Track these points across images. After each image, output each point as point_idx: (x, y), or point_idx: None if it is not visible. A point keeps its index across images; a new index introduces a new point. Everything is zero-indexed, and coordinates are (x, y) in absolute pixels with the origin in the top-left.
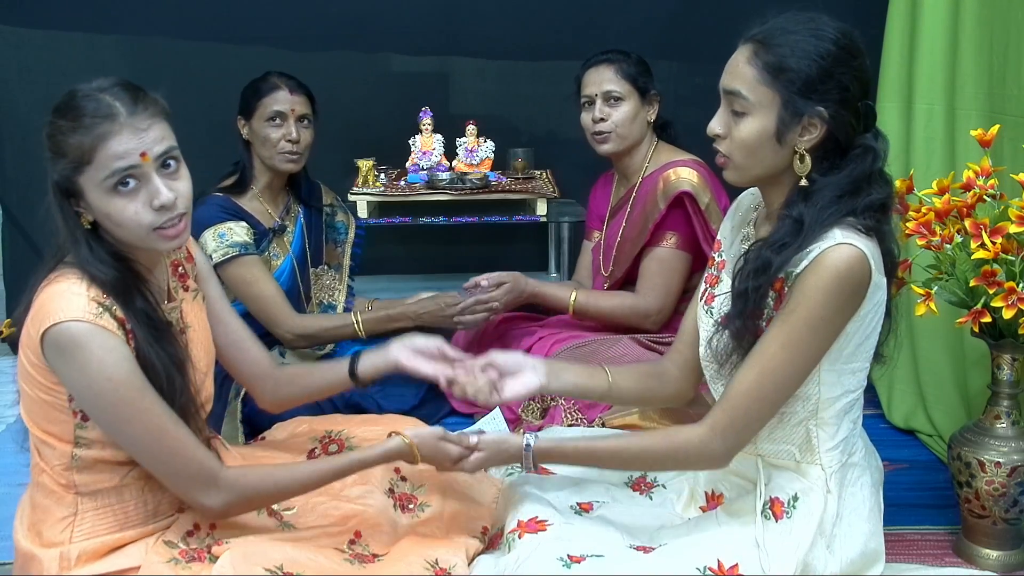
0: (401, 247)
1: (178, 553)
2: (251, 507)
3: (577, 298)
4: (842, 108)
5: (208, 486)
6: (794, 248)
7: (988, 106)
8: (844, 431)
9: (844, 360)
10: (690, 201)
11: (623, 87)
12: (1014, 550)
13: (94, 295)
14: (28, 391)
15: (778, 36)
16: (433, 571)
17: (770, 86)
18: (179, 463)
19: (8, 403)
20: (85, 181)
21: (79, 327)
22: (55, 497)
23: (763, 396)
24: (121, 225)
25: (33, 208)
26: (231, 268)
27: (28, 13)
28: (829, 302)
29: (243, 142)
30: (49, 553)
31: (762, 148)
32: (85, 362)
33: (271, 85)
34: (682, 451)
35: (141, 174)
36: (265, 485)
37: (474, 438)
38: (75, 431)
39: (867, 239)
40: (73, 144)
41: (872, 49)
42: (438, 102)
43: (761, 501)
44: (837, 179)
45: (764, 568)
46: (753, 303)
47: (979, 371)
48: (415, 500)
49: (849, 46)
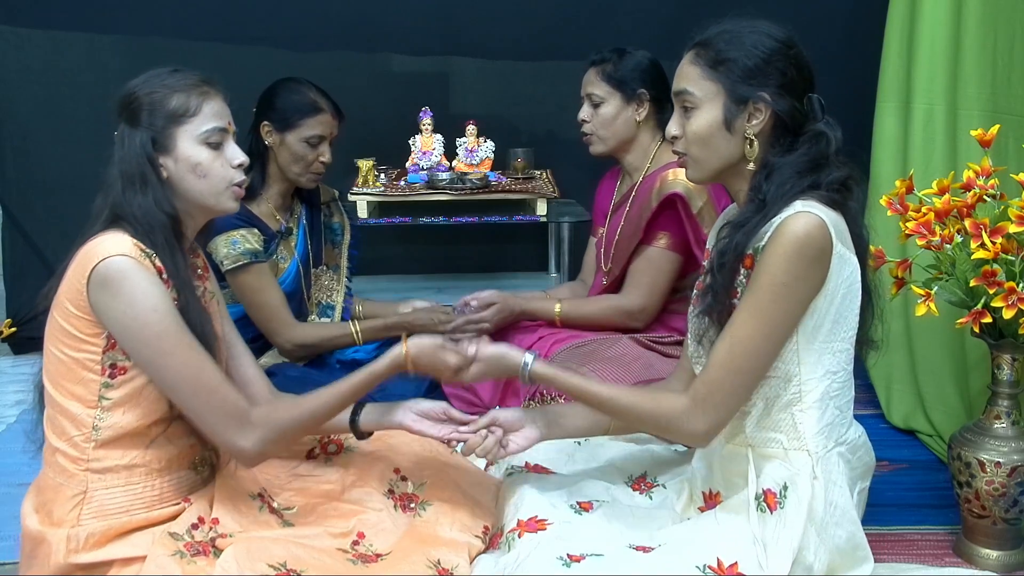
0: (401, 247)
1: (183, 546)
2: (284, 442)
3: (562, 309)
4: (784, 92)
5: (243, 424)
6: (757, 222)
7: (991, 106)
8: (829, 416)
9: (822, 338)
10: (681, 204)
11: (602, 89)
12: (1014, 550)
13: (136, 243)
14: (56, 353)
15: (717, 36)
16: (436, 571)
17: (713, 79)
18: (216, 400)
19: (8, 403)
20: (182, 133)
21: (127, 261)
22: (66, 475)
23: (736, 367)
24: (207, 175)
25: (33, 208)
26: (241, 275)
27: (28, 13)
28: (790, 268)
29: (262, 146)
30: (58, 533)
31: (714, 138)
32: (132, 293)
33: (315, 106)
34: (664, 418)
35: (225, 137)
36: (295, 415)
37: (473, 348)
38: (100, 391)
39: (829, 209)
40: (179, 98)
41: (872, 49)
42: (438, 102)
43: (754, 494)
44: (795, 158)
45: (763, 565)
46: (722, 280)
47: (979, 371)
48: (415, 499)
49: (785, 39)
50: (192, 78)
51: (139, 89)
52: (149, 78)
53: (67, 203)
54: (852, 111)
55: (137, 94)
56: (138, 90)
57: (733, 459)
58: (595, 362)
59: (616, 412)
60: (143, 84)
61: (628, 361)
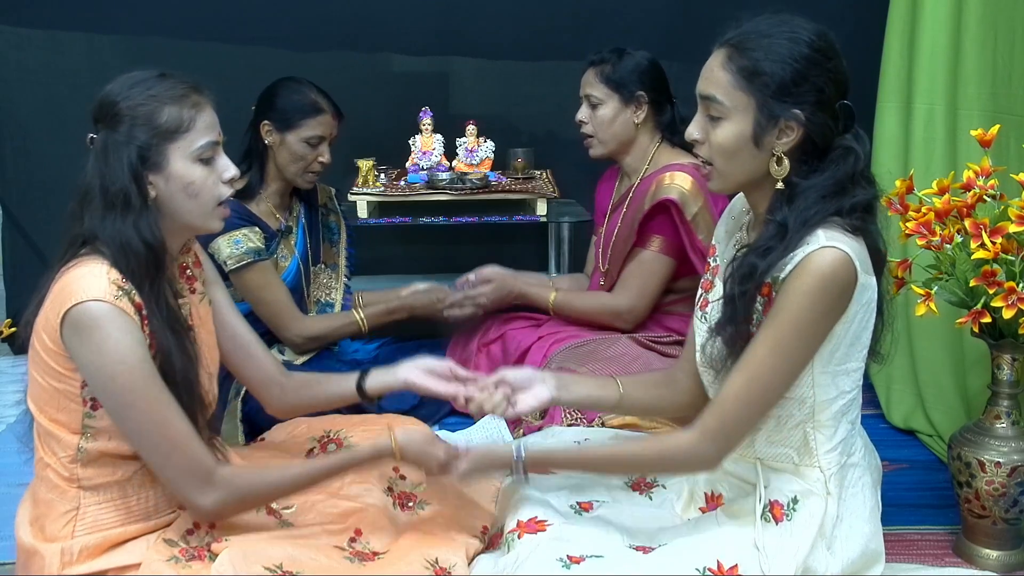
0: (401, 247)
1: (178, 551)
2: (244, 507)
3: (556, 298)
4: (818, 110)
5: (204, 483)
6: (779, 252)
7: (992, 105)
8: (842, 432)
9: (837, 362)
10: (675, 209)
11: (600, 91)
12: (1014, 550)
13: (114, 278)
14: (39, 379)
15: (752, 40)
16: (433, 570)
17: (745, 91)
18: (178, 457)
19: (8, 403)
20: (175, 150)
21: (99, 307)
22: (58, 491)
23: (752, 400)
24: (198, 195)
25: (33, 208)
26: (246, 274)
27: (28, 13)
28: (815, 306)
29: (261, 145)
30: (51, 548)
31: (740, 152)
32: (101, 342)
33: (316, 106)
34: (673, 457)
35: (217, 150)
36: (258, 484)
37: (463, 446)
38: (83, 420)
39: (852, 239)
40: (171, 112)
41: (872, 49)
42: (438, 102)
43: (761, 504)
44: (820, 181)
45: (763, 569)
46: (741, 309)
47: (979, 371)
48: (414, 498)
49: (824, 48)
50: (181, 87)
51: (124, 98)
52: (133, 84)
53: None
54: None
55: (122, 104)
56: (123, 99)
57: (738, 467)
58: (594, 362)
59: (623, 468)
60: (127, 92)
61: (627, 361)
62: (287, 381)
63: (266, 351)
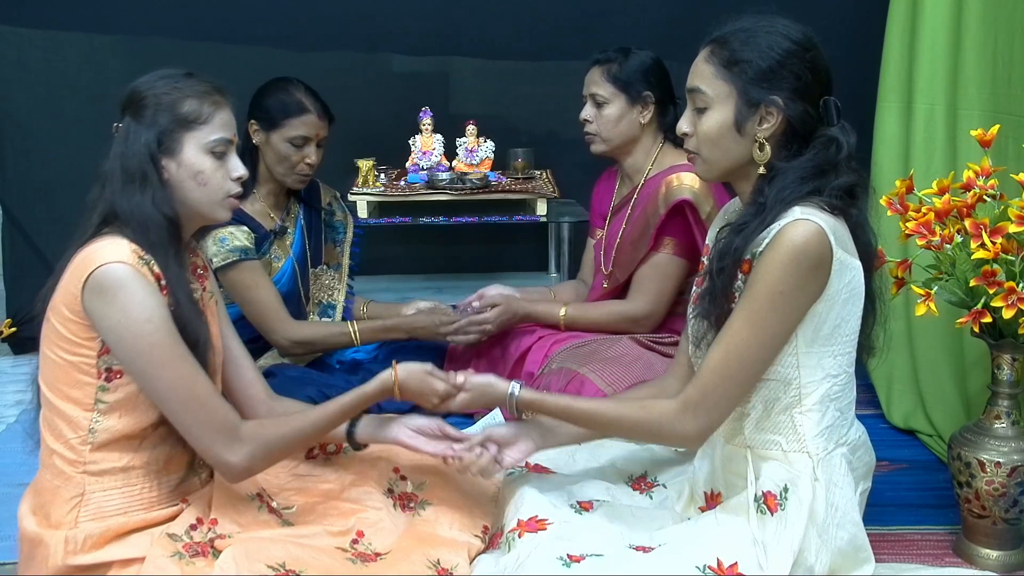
0: (401, 247)
1: (182, 547)
2: (271, 460)
3: (567, 313)
4: (797, 97)
5: (232, 439)
6: (755, 227)
7: (992, 106)
8: (830, 418)
9: (822, 342)
10: (690, 209)
11: (607, 90)
12: (1014, 550)
13: (134, 248)
14: (52, 356)
15: (734, 35)
16: (435, 571)
17: (726, 79)
18: (205, 414)
19: (8, 403)
20: (190, 139)
21: (123, 268)
22: (64, 478)
23: (730, 373)
24: (207, 184)
25: (33, 208)
26: (231, 273)
27: (28, 13)
28: (787, 277)
29: (250, 144)
30: (56, 535)
31: (724, 139)
32: (127, 302)
33: (301, 106)
34: (655, 424)
35: (229, 149)
36: (284, 432)
37: (461, 377)
38: (96, 395)
39: (829, 216)
40: (192, 104)
41: (872, 49)
42: (438, 102)
43: (754, 495)
44: (799, 163)
45: (763, 566)
46: (720, 284)
47: (979, 371)
48: (415, 499)
49: (802, 41)
50: (205, 85)
51: (150, 88)
52: (161, 78)
53: (67, 203)
54: (853, 111)
55: (148, 93)
56: (149, 89)
57: (732, 460)
58: (595, 362)
59: (605, 425)
60: (155, 83)
61: (628, 361)
62: (275, 406)
63: (257, 372)
